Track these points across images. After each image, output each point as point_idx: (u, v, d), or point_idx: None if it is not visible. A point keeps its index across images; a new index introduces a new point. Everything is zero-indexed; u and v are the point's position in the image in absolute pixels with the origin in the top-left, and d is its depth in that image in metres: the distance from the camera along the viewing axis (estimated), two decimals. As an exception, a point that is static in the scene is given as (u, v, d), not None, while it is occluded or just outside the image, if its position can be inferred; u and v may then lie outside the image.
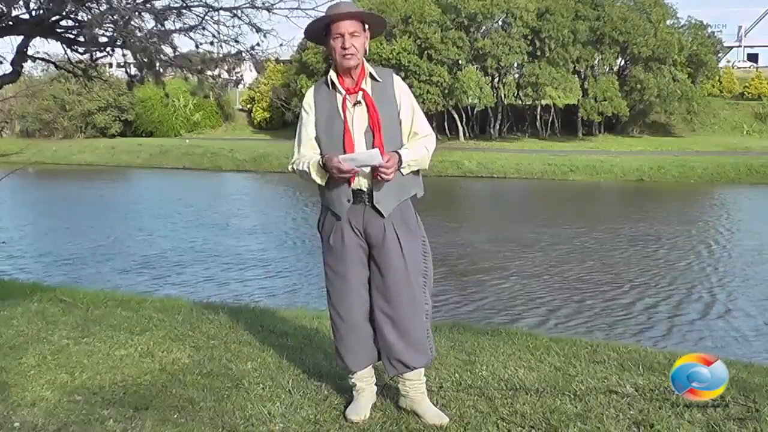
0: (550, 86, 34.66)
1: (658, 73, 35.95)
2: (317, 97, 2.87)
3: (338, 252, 2.86)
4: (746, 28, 60.88)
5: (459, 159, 30.34)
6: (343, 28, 2.72)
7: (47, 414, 3.00)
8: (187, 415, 2.97)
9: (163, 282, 11.41)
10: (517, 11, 34.34)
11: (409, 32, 34.84)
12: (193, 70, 4.75)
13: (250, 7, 4.76)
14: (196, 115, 44.24)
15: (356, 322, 2.90)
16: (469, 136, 38.10)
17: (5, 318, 4.64)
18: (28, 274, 11.32)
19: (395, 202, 2.81)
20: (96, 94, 38.19)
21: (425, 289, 2.92)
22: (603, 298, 10.50)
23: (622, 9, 35.66)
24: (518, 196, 25.57)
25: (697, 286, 11.39)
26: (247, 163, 33.56)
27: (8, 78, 4.99)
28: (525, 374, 3.43)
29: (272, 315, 5.15)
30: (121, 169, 34.14)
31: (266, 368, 3.56)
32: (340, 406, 3.03)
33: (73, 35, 4.84)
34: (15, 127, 44.00)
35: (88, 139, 42.01)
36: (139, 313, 4.91)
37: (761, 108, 40.31)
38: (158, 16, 4.43)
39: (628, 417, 2.89)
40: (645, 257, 13.65)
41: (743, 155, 30.14)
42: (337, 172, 2.68)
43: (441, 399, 3.10)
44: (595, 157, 30.49)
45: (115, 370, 3.55)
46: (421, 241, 2.92)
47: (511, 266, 12.72)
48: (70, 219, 18.90)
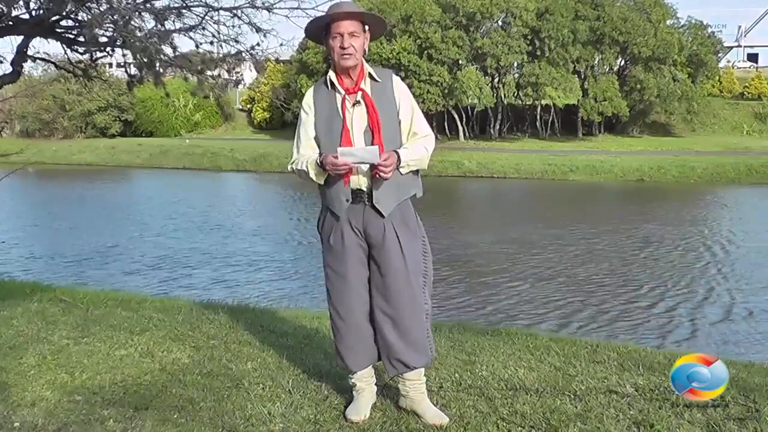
0: (550, 86, 34.64)
1: (658, 73, 35.95)
2: (317, 98, 2.87)
3: (338, 252, 2.86)
4: (746, 28, 60.92)
5: (459, 159, 30.33)
6: (342, 28, 2.72)
7: (47, 414, 3.00)
8: (187, 415, 2.97)
9: (167, 285, 11.34)
10: (516, 11, 34.31)
11: (409, 32, 34.82)
12: (193, 70, 4.75)
13: (250, 7, 4.76)
14: (196, 115, 44.23)
15: (356, 322, 2.90)
16: (469, 136, 38.09)
17: (5, 318, 4.65)
18: (29, 274, 11.29)
19: (395, 201, 2.81)
20: (96, 94, 38.19)
21: (425, 289, 2.93)
22: (619, 301, 10.46)
23: (622, 9, 35.65)
24: (519, 196, 25.56)
25: (710, 287, 11.37)
26: (247, 163, 33.57)
27: (8, 78, 4.98)
28: (525, 374, 3.43)
29: (272, 315, 5.15)
30: (121, 169, 34.13)
31: (266, 368, 3.56)
32: (340, 406, 3.03)
33: (73, 35, 4.84)
34: (15, 127, 43.99)
35: (88, 139, 41.99)
36: (139, 313, 4.91)
37: (761, 108, 40.29)
38: (158, 16, 4.43)
39: (628, 417, 2.89)
40: (654, 258, 13.62)
41: (743, 155, 30.14)
42: (332, 167, 2.67)
43: (441, 399, 3.10)
44: (595, 157, 30.48)
45: (115, 370, 3.55)
46: (421, 241, 2.92)
47: (520, 268, 12.65)
48: (71, 220, 18.91)
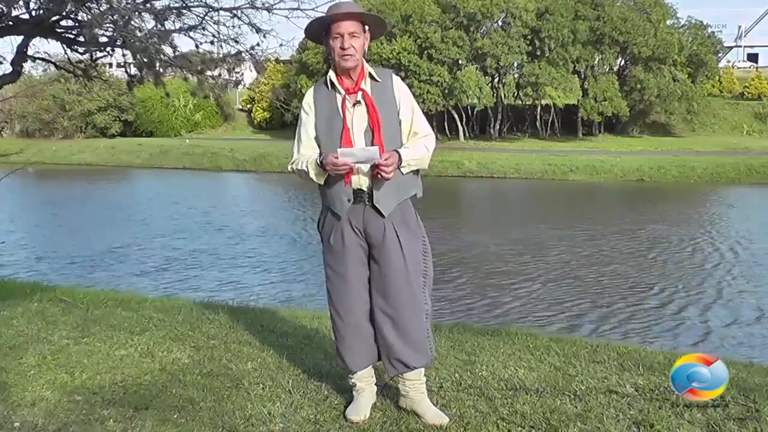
0: (550, 86, 34.63)
1: (658, 73, 35.94)
2: (317, 98, 2.87)
3: (338, 252, 2.86)
4: (746, 28, 60.91)
5: (459, 159, 30.32)
6: (342, 29, 2.71)
7: (47, 414, 3.00)
8: (187, 415, 2.97)
9: (172, 286, 11.31)
10: (516, 11, 34.31)
11: (409, 32, 34.83)
12: (193, 70, 4.75)
13: (250, 7, 4.76)
14: (196, 115, 44.24)
15: (356, 322, 2.90)
16: (469, 136, 38.09)
17: (5, 318, 4.64)
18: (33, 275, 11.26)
19: (395, 201, 2.81)
20: (96, 94, 38.19)
21: (425, 288, 2.93)
22: (627, 303, 10.43)
23: (622, 9, 35.64)
24: (519, 197, 25.56)
25: (720, 288, 11.34)
26: (247, 163, 33.57)
27: (8, 78, 4.99)
28: (525, 374, 3.43)
29: (272, 315, 5.15)
30: (121, 169, 34.13)
31: (266, 368, 3.56)
32: (340, 406, 3.03)
33: (73, 35, 4.85)
34: (15, 127, 44.00)
35: (88, 139, 42.01)
36: (139, 313, 4.91)
37: (761, 108, 40.28)
38: (158, 16, 4.43)
39: (628, 417, 2.89)
40: (662, 259, 13.60)
41: (743, 155, 30.12)
42: (332, 167, 2.67)
43: (441, 399, 3.10)
44: (595, 157, 30.47)
45: (115, 370, 3.55)
46: (421, 241, 2.92)
47: (527, 269, 12.60)
48: (72, 220, 18.92)
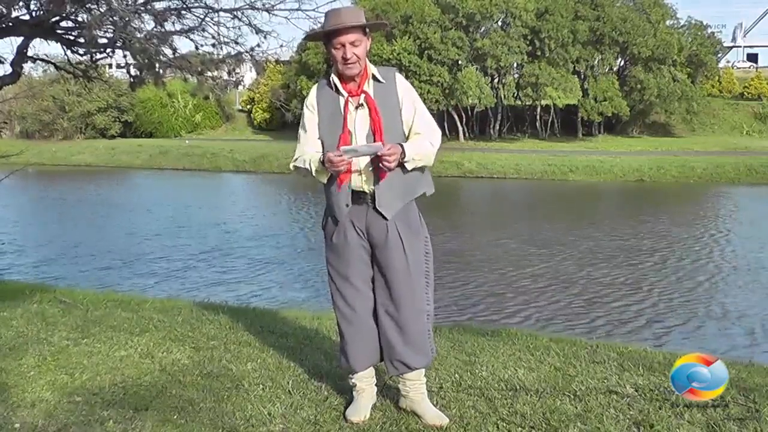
0: (550, 86, 34.62)
1: (657, 73, 35.94)
2: (320, 97, 2.86)
3: (341, 252, 2.87)
4: (746, 28, 60.86)
5: (459, 159, 30.32)
6: (344, 39, 2.71)
7: (47, 415, 3.00)
8: (187, 416, 2.97)
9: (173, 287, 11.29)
10: (516, 11, 34.31)
11: (409, 32, 34.84)
12: (192, 71, 4.76)
13: (250, 8, 4.77)
14: (196, 116, 44.25)
15: (359, 321, 2.90)
16: (469, 137, 38.09)
17: (5, 319, 4.64)
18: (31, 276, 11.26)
19: (400, 203, 2.80)
20: (96, 95, 38.23)
21: (427, 289, 2.92)
22: (626, 303, 10.41)
23: (622, 9, 35.66)
24: (519, 197, 25.53)
25: (727, 288, 11.33)
26: (246, 163, 33.57)
27: (8, 79, 4.99)
28: (525, 375, 3.43)
29: (272, 315, 5.15)
30: (121, 170, 34.13)
31: (266, 369, 3.56)
32: (340, 407, 3.03)
33: (73, 36, 4.85)
34: (15, 128, 44.04)
35: (87, 140, 42.01)
36: (138, 314, 4.91)
37: (761, 108, 40.27)
38: (158, 17, 4.44)
39: (628, 417, 2.89)
40: (666, 260, 13.57)
41: (743, 155, 30.11)
42: (330, 164, 2.67)
43: (441, 399, 3.10)
44: (595, 158, 30.46)
45: (115, 371, 3.55)
46: (423, 242, 2.91)
47: (532, 270, 12.53)
48: (73, 220, 18.90)
